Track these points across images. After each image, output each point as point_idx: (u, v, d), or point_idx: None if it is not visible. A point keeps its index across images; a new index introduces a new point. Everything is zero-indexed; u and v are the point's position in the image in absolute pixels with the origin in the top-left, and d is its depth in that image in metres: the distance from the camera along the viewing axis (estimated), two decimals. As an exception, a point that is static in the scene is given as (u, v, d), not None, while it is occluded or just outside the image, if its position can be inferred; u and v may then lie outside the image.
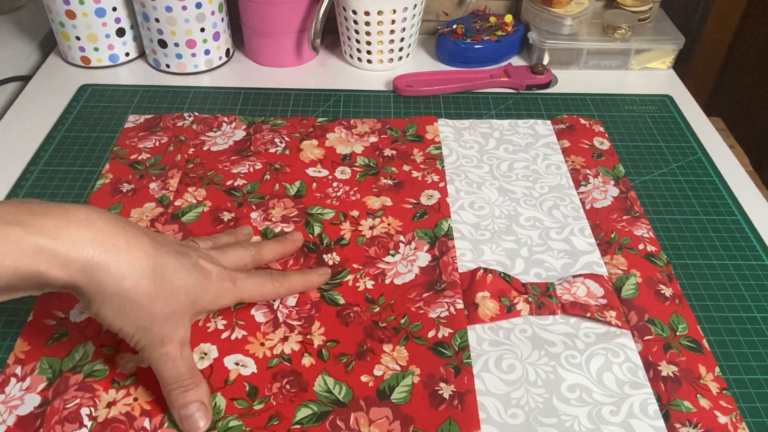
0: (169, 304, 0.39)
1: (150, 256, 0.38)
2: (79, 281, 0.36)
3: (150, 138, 0.64)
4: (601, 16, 0.78)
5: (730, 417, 0.42)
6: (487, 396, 0.43)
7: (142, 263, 0.38)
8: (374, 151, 0.63)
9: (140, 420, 0.41)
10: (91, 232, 0.36)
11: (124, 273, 0.37)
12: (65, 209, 0.36)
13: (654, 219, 0.57)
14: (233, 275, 0.44)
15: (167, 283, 0.39)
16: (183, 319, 0.40)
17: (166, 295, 0.39)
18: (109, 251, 0.36)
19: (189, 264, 0.40)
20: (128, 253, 0.37)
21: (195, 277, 0.41)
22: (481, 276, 0.50)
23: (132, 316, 0.38)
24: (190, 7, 0.69)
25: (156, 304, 0.38)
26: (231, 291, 0.43)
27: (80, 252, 0.35)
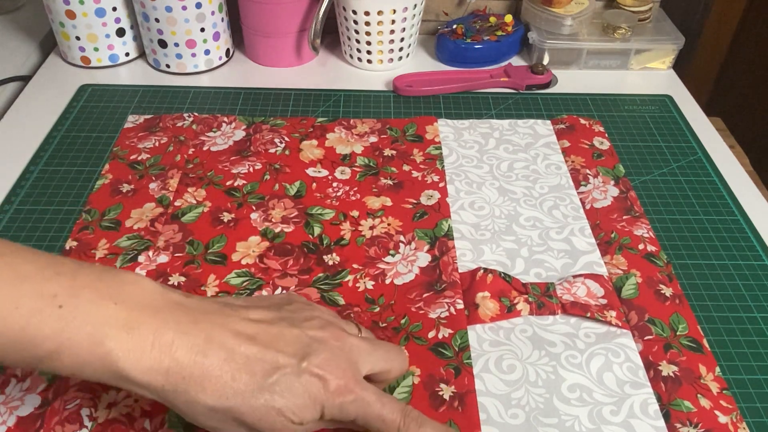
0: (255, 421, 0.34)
1: (236, 386, 0.33)
2: (169, 397, 0.33)
3: (150, 138, 0.64)
4: (601, 16, 0.78)
5: (730, 417, 0.42)
6: (487, 396, 0.43)
7: (227, 392, 0.33)
8: (374, 151, 0.63)
9: (140, 421, 0.41)
10: (168, 339, 0.33)
11: (211, 396, 0.33)
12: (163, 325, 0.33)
13: (654, 219, 0.57)
14: (358, 394, 0.35)
15: (254, 413, 0.33)
16: None
17: (256, 419, 0.33)
18: (191, 377, 0.32)
19: (284, 384, 0.33)
20: (216, 382, 0.33)
21: (289, 399, 0.33)
22: (481, 276, 0.50)
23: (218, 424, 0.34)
24: (190, 7, 0.69)
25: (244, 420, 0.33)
26: (348, 412, 0.35)
27: (162, 358, 0.32)
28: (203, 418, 0.33)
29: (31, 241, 0.53)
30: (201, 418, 0.33)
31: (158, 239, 0.53)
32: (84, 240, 0.53)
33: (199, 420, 0.34)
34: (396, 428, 0.36)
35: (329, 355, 0.35)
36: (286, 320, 0.36)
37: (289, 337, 0.35)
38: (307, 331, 0.36)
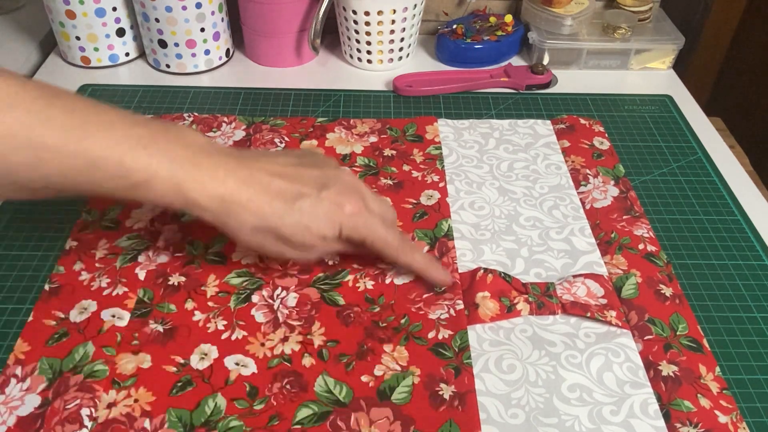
0: (296, 236, 0.44)
1: (274, 206, 0.43)
2: (222, 221, 0.43)
3: (150, 138, 0.64)
4: (601, 16, 0.78)
5: (730, 417, 0.42)
6: (487, 396, 0.43)
7: (266, 211, 0.43)
8: (374, 151, 0.63)
9: (140, 421, 0.41)
10: (227, 185, 0.42)
11: (255, 213, 0.42)
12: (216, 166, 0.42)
13: (654, 219, 0.57)
14: (369, 214, 0.46)
15: (289, 228, 0.43)
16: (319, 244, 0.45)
17: (291, 232, 0.43)
18: (237, 200, 0.42)
19: (310, 204, 0.43)
20: (254, 203, 0.42)
21: (316, 218, 0.44)
22: (481, 276, 0.50)
23: (268, 247, 0.44)
24: (190, 7, 0.69)
25: (286, 238, 0.44)
26: (362, 230, 0.45)
27: (215, 194, 0.42)
28: (250, 236, 0.43)
29: (31, 241, 0.53)
30: (248, 236, 0.43)
31: (158, 239, 0.53)
32: (84, 240, 0.53)
33: (247, 238, 0.43)
34: (395, 249, 0.47)
35: (343, 188, 0.45)
36: (308, 165, 0.46)
37: (310, 174, 0.45)
38: (325, 170, 0.46)
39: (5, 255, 0.52)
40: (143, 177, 0.40)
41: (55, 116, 0.38)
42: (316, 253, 0.47)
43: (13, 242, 0.53)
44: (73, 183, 0.39)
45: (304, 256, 0.46)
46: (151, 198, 0.41)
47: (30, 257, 0.52)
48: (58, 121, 0.38)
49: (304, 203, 0.43)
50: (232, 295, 0.49)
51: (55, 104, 0.38)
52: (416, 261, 0.48)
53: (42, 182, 0.39)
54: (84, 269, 0.50)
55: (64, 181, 0.39)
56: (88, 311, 0.47)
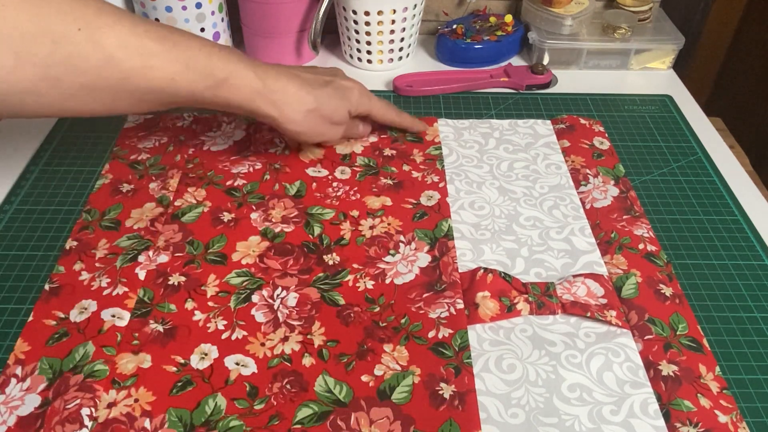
0: (334, 117, 0.57)
1: (308, 91, 0.54)
2: (270, 111, 0.53)
3: (150, 138, 0.64)
4: (601, 16, 0.78)
5: (730, 416, 0.42)
6: (487, 396, 0.43)
7: (304, 96, 0.54)
8: (374, 151, 0.63)
9: (141, 420, 0.41)
10: (269, 72, 0.53)
11: (296, 98, 0.54)
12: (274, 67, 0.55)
13: (654, 219, 0.57)
14: (369, 94, 0.60)
15: (326, 106, 0.56)
16: (344, 120, 0.59)
17: (329, 113, 0.57)
18: (287, 86, 0.54)
19: (334, 88, 0.57)
20: (293, 85, 0.54)
21: (342, 95, 0.57)
22: (481, 276, 0.50)
23: (312, 130, 0.57)
24: (190, 7, 0.69)
25: (325, 118, 0.57)
26: (367, 101, 0.60)
27: (264, 81, 0.52)
28: (303, 118, 0.55)
29: (31, 241, 0.53)
30: (302, 119, 0.55)
31: (158, 239, 0.53)
32: (84, 240, 0.53)
33: (302, 123, 0.55)
34: (391, 110, 0.64)
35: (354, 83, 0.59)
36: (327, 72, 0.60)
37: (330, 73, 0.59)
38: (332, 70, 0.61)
39: (5, 255, 0.52)
40: (222, 75, 0.49)
41: (151, 30, 0.46)
42: (341, 132, 0.60)
43: (13, 242, 0.53)
44: (174, 89, 0.48)
45: (336, 134, 0.60)
46: (231, 95, 0.51)
47: (30, 257, 0.52)
48: (155, 34, 0.46)
49: (329, 88, 0.56)
50: (232, 295, 0.49)
51: (146, 22, 0.47)
52: (404, 119, 0.64)
53: (148, 89, 0.47)
54: (84, 269, 0.50)
55: (168, 87, 0.47)
56: (88, 311, 0.47)
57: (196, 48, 0.48)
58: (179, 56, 0.47)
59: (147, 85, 0.47)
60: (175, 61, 0.47)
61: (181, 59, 0.47)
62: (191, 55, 0.48)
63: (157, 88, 0.47)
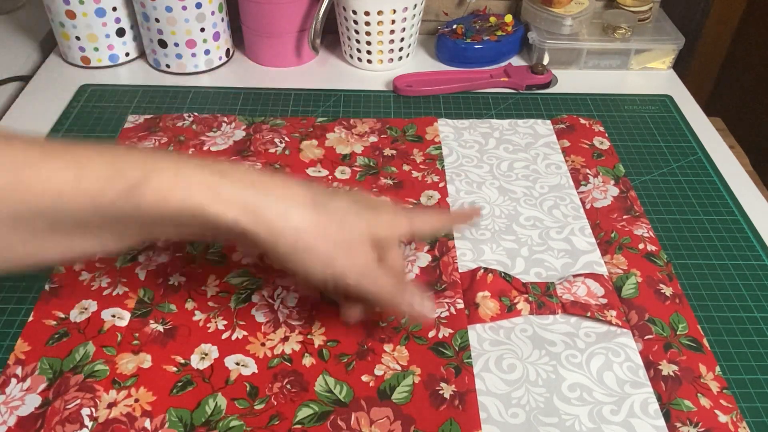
0: (343, 230, 0.39)
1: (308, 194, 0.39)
2: (245, 222, 0.37)
3: (150, 138, 0.64)
4: (601, 16, 0.78)
5: (730, 416, 0.42)
6: (487, 396, 0.43)
7: (302, 199, 0.39)
8: (374, 151, 0.63)
9: (141, 420, 0.41)
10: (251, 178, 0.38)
11: (286, 209, 0.38)
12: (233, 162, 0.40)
13: (654, 219, 0.57)
14: (402, 205, 0.45)
15: (334, 212, 0.39)
16: (364, 247, 0.40)
17: (337, 223, 0.39)
18: (268, 194, 0.38)
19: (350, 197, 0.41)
20: (287, 190, 0.39)
21: (362, 206, 0.41)
22: (481, 276, 0.50)
23: (308, 252, 0.38)
24: (190, 7, 0.69)
25: (330, 233, 0.39)
26: (405, 218, 0.43)
27: (240, 192, 0.37)
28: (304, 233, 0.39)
29: (31, 241, 0.53)
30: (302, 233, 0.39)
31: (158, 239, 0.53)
32: (84, 240, 0.53)
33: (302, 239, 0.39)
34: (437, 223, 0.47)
35: (384, 200, 0.46)
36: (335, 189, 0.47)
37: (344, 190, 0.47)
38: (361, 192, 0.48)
39: (5, 255, 0.52)
40: (141, 173, 0.37)
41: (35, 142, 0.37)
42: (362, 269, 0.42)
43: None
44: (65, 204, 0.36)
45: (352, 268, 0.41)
46: (162, 198, 0.37)
47: (30, 257, 0.52)
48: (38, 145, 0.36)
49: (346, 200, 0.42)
50: (233, 295, 0.49)
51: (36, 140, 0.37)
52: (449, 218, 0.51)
53: (27, 211, 0.35)
54: (84, 269, 0.50)
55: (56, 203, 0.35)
56: (89, 311, 0.47)
57: (96, 152, 0.36)
58: (69, 163, 0.35)
59: (24, 206, 0.35)
60: (63, 169, 0.35)
61: (71, 165, 0.35)
62: (87, 158, 0.36)
63: (40, 208, 0.35)
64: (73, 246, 0.38)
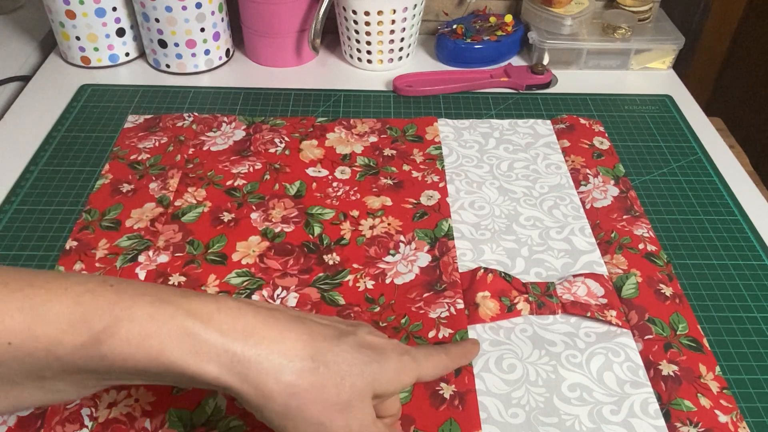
0: (342, 391, 0.33)
1: (307, 343, 0.33)
2: (231, 382, 0.31)
3: (150, 138, 0.64)
4: (601, 16, 0.78)
5: (730, 416, 0.42)
6: (487, 396, 0.43)
7: (299, 352, 0.33)
8: (374, 151, 0.63)
9: (141, 420, 0.41)
10: (241, 324, 0.32)
11: (279, 367, 0.32)
12: (216, 297, 0.33)
13: (654, 219, 0.57)
14: (408, 348, 0.38)
15: (334, 368, 0.33)
16: (363, 405, 0.34)
17: (335, 382, 0.33)
18: (259, 344, 0.32)
19: (355, 343, 0.35)
20: (281, 344, 0.32)
21: (366, 356, 0.35)
22: (481, 276, 0.50)
23: (301, 415, 0.33)
24: (190, 7, 0.69)
25: (327, 395, 0.33)
26: (411, 367, 0.37)
27: (226, 345, 0.31)
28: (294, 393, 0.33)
29: (31, 241, 0.53)
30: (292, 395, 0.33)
31: (158, 239, 0.53)
32: (84, 240, 0.53)
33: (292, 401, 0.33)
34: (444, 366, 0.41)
35: (388, 340, 0.38)
36: (337, 321, 0.38)
37: (349, 324, 0.38)
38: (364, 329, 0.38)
39: (5, 255, 0.52)
40: (107, 321, 0.31)
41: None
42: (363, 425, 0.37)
43: (13, 242, 0.53)
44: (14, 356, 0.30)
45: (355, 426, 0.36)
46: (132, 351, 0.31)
47: (30, 257, 0.52)
48: None
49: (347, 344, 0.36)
50: (233, 295, 0.49)
51: None
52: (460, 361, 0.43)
53: None
54: (84, 269, 0.50)
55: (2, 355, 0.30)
56: (89, 311, 0.47)
57: (58, 290, 0.31)
58: (23, 303, 0.30)
59: None
60: (16, 311, 0.30)
61: (26, 306, 0.30)
62: (46, 299, 0.30)
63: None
64: (22, 397, 0.32)
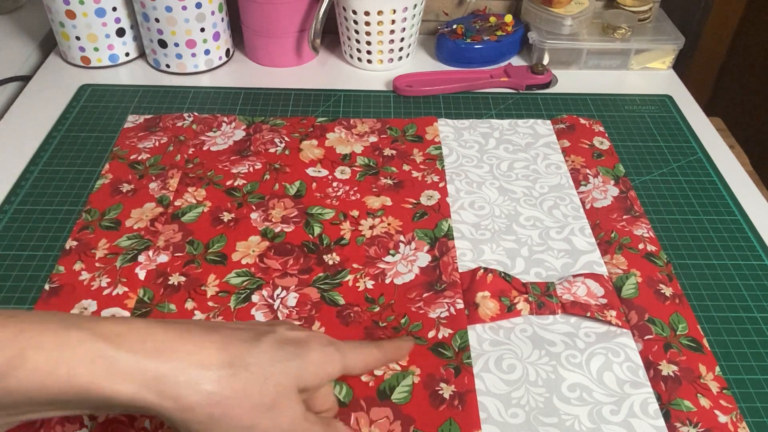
0: (267, 391, 0.33)
1: (223, 350, 0.33)
2: (149, 399, 0.31)
3: (150, 138, 0.64)
4: (601, 16, 0.78)
5: (730, 416, 0.42)
6: (487, 396, 0.43)
7: (216, 360, 0.32)
8: (374, 151, 0.63)
9: (140, 420, 0.41)
10: (152, 342, 0.32)
11: (196, 378, 0.32)
12: (125, 319, 0.33)
13: (654, 219, 0.57)
14: (333, 340, 0.38)
15: (255, 369, 0.33)
16: (290, 401, 0.34)
17: (259, 383, 0.33)
18: (173, 358, 0.32)
19: (274, 341, 0.35)
20: (196, 355, 0.32)
21: (288, 351, 0.35)
22: (481, 276, 0.50)
23: (228, 422, 0.32)
24: (190, 7, 0.69)
25: (251, 397, 0.33)
26: (336, 358, 0.37)
27: (139, 363, 0.31)
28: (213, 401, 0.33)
29: (31, 241, 0.53)
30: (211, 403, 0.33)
31: (158, 239, 0.53)
32: (84, 240, 0.53)
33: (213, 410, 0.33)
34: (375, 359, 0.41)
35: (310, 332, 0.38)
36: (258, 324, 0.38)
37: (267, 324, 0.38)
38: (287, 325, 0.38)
39: (5, 255, 0.52)
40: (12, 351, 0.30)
41: None
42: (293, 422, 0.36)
43: (13, 242, 0.53)
44: None
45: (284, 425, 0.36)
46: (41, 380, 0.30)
47: (30, 257, 0.52)
48: None
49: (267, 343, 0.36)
50: (232, 295, 0.49)
51: None
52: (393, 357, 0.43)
53: None
54: (84, 269, 0.50)
55: None
56: (89, 311, 0.47)
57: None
58: None
59: None
60: None
61: None
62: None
63: None
64: None
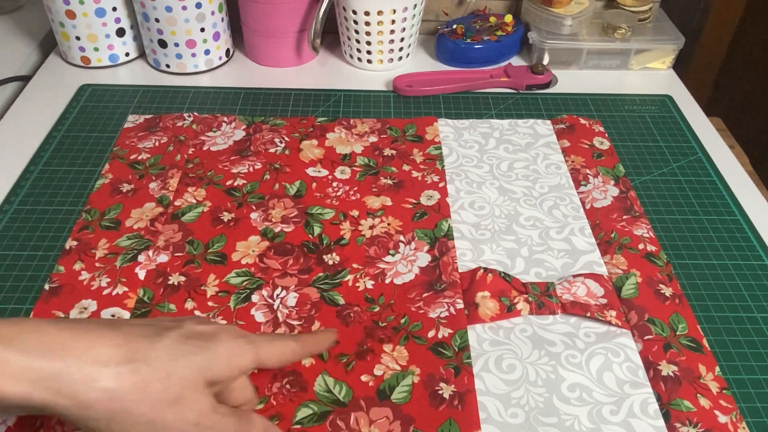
0: (170, 386, 0.33)
1: (121, 346, 0.33)
2: (43, 397, 0.30)
3: (150, 138, 0.64)
4: (601, 16, 0.78)
5: (730, 416, 0.42)
6: (487, 396, 0.43)
7: (114, 357, 0.32)
8: (374, 151, 0.63)
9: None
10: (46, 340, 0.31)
11: (93, 375, 0.31)
12: (18, 319, 0.32)
13: (654, 219, 0.57)
14: (246, 332, 0.38)
15: (157, 364, 0.33)
16: (197, 395, 0.34)
17: (161, 378, 0.33)
18: (67, 356, 0.31)
19: (179, 336, 0.35)
20: (93, 351, 0.32)
21: (193, 345, 0.35)
22: (481, 276, 0.50)
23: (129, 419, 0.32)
24: (190, 7, 0.69)
25: (153, 392, 0.32)
26: (247, 349, 0.37)
27: (32, 362, 0.30)
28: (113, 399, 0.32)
29: (31, 241, 0.53)
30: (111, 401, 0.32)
31: (158, 239, 0.53)
32: (84, 240, 0.53)
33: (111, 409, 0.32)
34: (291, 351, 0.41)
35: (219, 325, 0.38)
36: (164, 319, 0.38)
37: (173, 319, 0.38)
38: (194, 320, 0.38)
39: (5, 255, 0.52)
40: None
41: None
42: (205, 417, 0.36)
43: (13, 242, 0.53)
44: None
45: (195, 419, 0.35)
46: None
47: (30, 257, 0.52)
48: None
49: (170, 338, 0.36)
50: (232, 295, 0.49)
51: None
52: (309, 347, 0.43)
53: None
54: (84, 269, 0.50)
55: None
56: (89, 311, 0.47)
57: None
58: None
59: None
60: None
61: None
62: None
63: None
64: None
